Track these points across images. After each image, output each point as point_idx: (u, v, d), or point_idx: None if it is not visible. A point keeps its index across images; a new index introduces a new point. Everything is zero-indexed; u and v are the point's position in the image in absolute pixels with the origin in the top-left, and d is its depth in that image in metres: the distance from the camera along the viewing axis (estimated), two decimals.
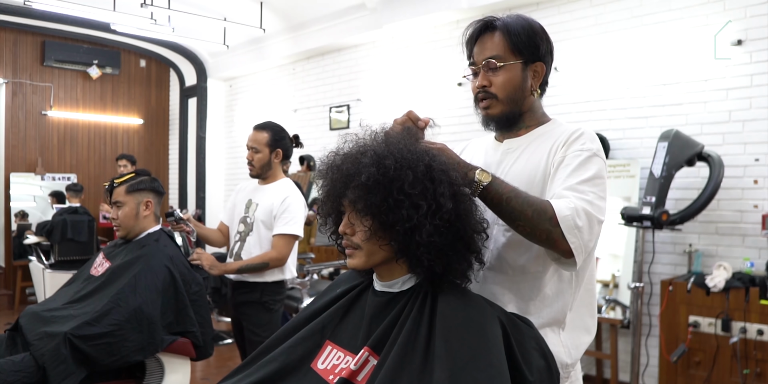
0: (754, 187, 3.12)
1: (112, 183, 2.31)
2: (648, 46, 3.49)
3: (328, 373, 1.11)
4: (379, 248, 1.10)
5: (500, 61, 1.24)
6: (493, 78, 1.25)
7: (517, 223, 1.10)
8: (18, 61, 6.24)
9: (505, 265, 1.22)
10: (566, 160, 1.17)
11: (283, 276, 2.51)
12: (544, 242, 1.09)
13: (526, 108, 1.28)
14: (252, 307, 2.49)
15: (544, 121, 1.31)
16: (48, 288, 4.34)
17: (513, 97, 1.25)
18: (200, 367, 4.05)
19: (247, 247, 2.52)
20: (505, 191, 1.10)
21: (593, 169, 1.15)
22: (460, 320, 1.03)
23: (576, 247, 1.07)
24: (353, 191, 1.07)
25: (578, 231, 1.06)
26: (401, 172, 1.04)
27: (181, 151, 7.23)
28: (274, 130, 2.55)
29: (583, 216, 1.07)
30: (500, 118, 1.27)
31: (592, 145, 1.18)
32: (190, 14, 5.05)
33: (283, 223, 2.45)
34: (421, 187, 1.04)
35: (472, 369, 0.95)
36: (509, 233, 1.21)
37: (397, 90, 4.96)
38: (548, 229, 1.06)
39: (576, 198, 1.09)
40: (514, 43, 1.23)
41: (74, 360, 1.86)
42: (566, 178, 1.14)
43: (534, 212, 1.07)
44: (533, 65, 1.26)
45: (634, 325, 3.23)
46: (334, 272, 4.73)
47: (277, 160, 2.56)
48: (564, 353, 1.22)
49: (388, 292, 1.15)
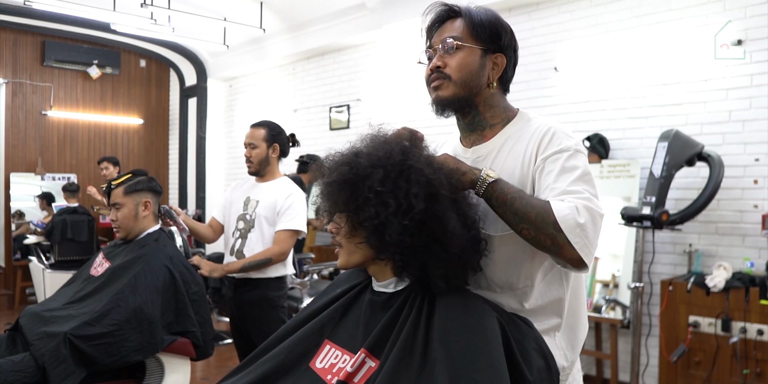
0: (754, 187, 3.12)
1: (110, 185, 2.31)
2: (648, 46, 3.49)
3: (326, 372, 1.11)
4: (355, 247, 1.10)
5: (458, 42, 1.19)
6: (449, 59, 1.20)
7: (521, 227, 1.06)
8: (18, 61, 6.24)
9: (492, 284, 1.19)
10: (547, 167, 1.12)
11: (285, 271, 2.55)
12: (550, 248, 1.05)
13: (482, 100, 1.22)
14: (258, 307, 2.50)
15: (509, 117, 1.24)
16: (48, 288, 4.34)
17: (467, 81, 1.19)
18: (200, 367, 4.05)
19: (249, 243, 2.53)
20: (510, 191, 1.07)
21: (579, 167, 1.10)
22: (459, 321, 1.02)
23: (581, 247, 1.02)
24: (326, 188, 1.09)
25: (581, 229, 1.02)
26: (373, 170, 1.04)
27: (181, 151, 7.23)
28: (270, 126, 2.60)
29: (584, 212, 1.03)
30: (451, 101, 1.21)
31: (569, 142, 1.13)
32: (190, 14, 5.05)
33: (288, 219, 2.49)
34: (391, 186, 1.02)
35: (472, 371, 0.95)
36: (492, 253, 1.16)
37: (397, 90, 4.95)
38: (552, 234, 1.02)
39: (573, 198, 1.06)
40: (475, 28, 1.20)
41: (74, 360, 1.86)
42: (553, 183, 1.09)
43: (537, 215, 1.04)
44: (493, 56, 1.22)
45: (634, 325, 3.23)
46: (334, 272, 4.73)
47: (275, 155, 2.59)
48: (560, 356, 1.20)
49: (385, 292, 1.16)
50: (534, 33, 3.94)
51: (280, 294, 2.54)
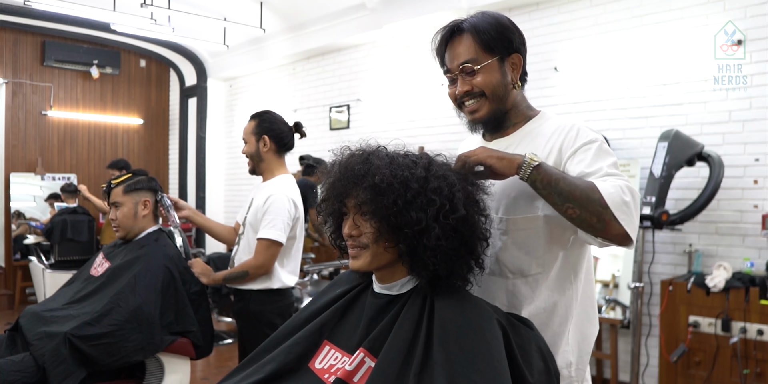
0: (754, 187, 3.12)
1: (110, 184, 2.31)
2: (648, 46, 3.49)
3: (325, 372, 1.11)
4: (384, 250, 1.10)
5: (476, 64, 1.22)
6: (474, 81, 1.23)
7: (566, 206, 1.07)
8: (18, 61, 6.24)
9: (504, 269, 1.22)
10: (578, 156, 1.16)
11: (271, 284, 2.24)
12: (595, 226, 1.06)
13: (510, 104, 1.27)
14: (242, 318, 2.30)
15: (530, 116, 1.29)
16: (48, 288, 4.34)
17: (498, 93, 1.23)
18: (200, 367, 4.05)
19: (239, 251, 2.34)
20: (554, 173, 1.09)
21: (611, 155, 1.16)
22: (459, 323, 1.02)
23: (627, 223, 1.05)
24: (365, 192, 1.07)
25: (626, 207, 1.05)
26: (415, 170, 1.06)
27: (181, 151, 7.23)
28: (261, 117, 2.33)
29: (627, 191, 1.07)
30: (488, 119, 1.26)
31: (595, 135, 1.19)
32: (190, 14, 5.05)
33: (263, 226, 2.20)
34: (435, 187, 1.05)
35: (472, 372, 0.95)
36: (505, 237, 1.21)
37: (397, 90, 4.96)
38: (598, 211, 1.05)
39: (615, 179, 1.10)
40: (485, 42, 1.21)
41: (74, 360, 1.86)
42: (588, 168, 1.13)
43: (582, 193, 1.06)
44: (509, 58, 1.25)
45: (634, 325, 3.23)
46: (334, 272, 4.74)
47: (266, 149, 2.30)
48: (569, 352, 1.22)
49: (387, 294, 1.15)
50: (534, 33, 3.94)
51: (263, 309, 2.23)
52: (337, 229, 1.20)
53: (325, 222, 1.21)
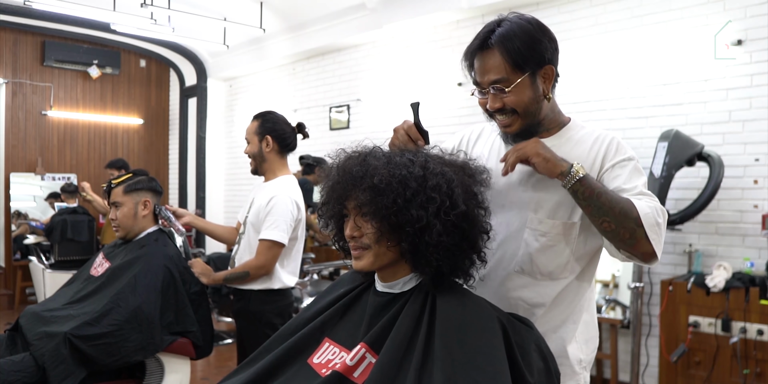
0: (754, 187, 3.12)
1: (110, 184, 2.31)
2: (648, 46, 3.49)
3: (322, 367, 1.11)
4: (386, 250, 1.10)
5: (507, 85, 1.18)
6: (506, 99, 1.20)
7: (603, 219, 1.12)
8: (18, 61, 6.24)
9: (535, 270, 1.24)
10: (616, 171, 1.21)
11: (272, 284, 2.25)
12: (626, 242, 1.12)
13: (543, 115, 1.26)
14: (242, 317, 2.31)
15: (563, 122, 1.30)
16: (48, 288, 4.34)
17: (530, 109, 1.22)
18: (200, 367, 4.05)
19: (240, 250, 2.35)
20: (596, 187, 1.13)
21: (644, 176, 1.22)
22: (461, 320, 1.03)
23: (656, 243, 1.12)
24: (364, 194, 1.06)
25: (658, 227, 1.12)
26: (413, 169, 1.06)
27: (181, 151, 7.23)
28: (264, 117, 2.35)
29: (661, 213, 1.13)
30: (522, 131, 1.25)
31: (632, 153, 1.24)
32: (190, 14, 5.05)
33: (265, 227, 2.21)
34: (434, 184, 1.06)
35: (472, 369, 0.95)
36: (543, 238, 1.23)
37: (397, 90, 4.95)
38: (632, 228, 1.10)
39: (649, 199, 1.15)
40: (515, 61, 1.17)
41: (74, 360, 1.86)
42: (625, 184, 1.18)
43: (621, 210, 1.11)
44: (541, 71, 1.21)
45: (634, 325, 3.23)
46: (334, 272, 4.74)
47: (269, 149, 2.31)
48: (578, 349, 1.28)
49: (389, 292, 1.16)
50: None
51: (263, 309, 2.24)
52: (339, 232, 1.20)
53: (327, 225, 1.21)
